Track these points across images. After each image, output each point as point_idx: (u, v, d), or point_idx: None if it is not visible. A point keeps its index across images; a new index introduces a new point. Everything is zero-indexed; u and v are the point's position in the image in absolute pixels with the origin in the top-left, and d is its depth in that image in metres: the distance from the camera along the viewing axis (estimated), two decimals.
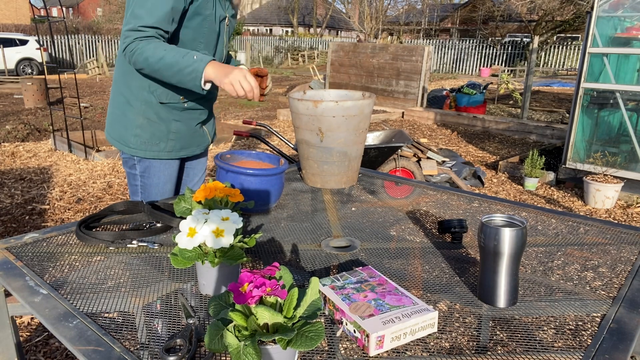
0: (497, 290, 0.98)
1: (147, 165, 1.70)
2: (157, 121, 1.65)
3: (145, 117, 1.64)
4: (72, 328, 0.88)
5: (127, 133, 1.67)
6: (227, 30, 1.71)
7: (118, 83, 1.66)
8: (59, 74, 6.17)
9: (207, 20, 1.57)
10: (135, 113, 1.64)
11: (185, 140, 1.74)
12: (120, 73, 1.65)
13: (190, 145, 1.77)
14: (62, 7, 5.85)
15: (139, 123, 1.65)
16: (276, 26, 39.91)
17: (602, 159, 4.59)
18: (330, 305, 0.93)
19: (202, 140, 1.82)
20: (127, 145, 1.68)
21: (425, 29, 32.11)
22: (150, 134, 1.66)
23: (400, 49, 9.23)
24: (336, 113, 1.58)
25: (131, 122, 1.65)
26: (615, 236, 1.37)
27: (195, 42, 1.59)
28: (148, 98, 1.62)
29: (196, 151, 1.81)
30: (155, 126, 1.65)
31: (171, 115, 1.66)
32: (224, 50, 1.73)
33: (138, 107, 1.63)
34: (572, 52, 19.92)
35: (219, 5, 1.60)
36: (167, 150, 1.70)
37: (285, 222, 1.44)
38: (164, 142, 1.69)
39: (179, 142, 1.72)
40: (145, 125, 1.65)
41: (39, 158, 5.59)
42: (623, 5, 4.57)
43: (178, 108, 1.66)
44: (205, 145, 1.85)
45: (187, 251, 0.94)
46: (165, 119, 1.66)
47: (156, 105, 1.63)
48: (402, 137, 3.96)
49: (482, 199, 1.67)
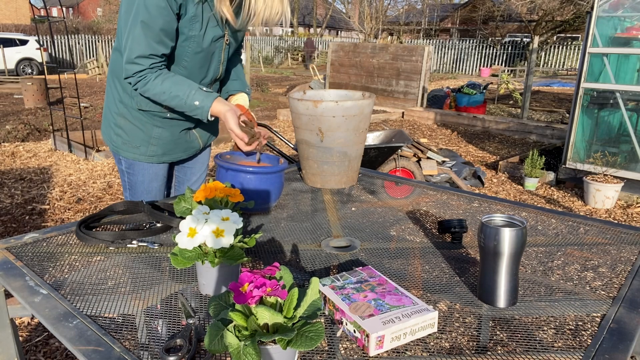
0: (497, 290, 0.98)
1: (131, 162, 1.70)
2: (137, 125, 1.63)
3: (125, 119, 1.63)
4: (72, 328, 0.88)
5: (110, 131, 1.68)
6: (227, 49, 1.63)
7: (108, 81, 1.67)
8: (59, 74, 6.17)
9: (191, 40, 1.50)
10: (117, 113, 1.64)
11: (169, 146, 1.70)
12: (109, 71, 1.65)
13: (173, 152, 1.73)
14: (62, 7, 5.85)
15: (120, 123, 1.65)
16: (276, 26, 39.85)
17: (602, 159, 4.59)
18: (330, 305, 0.93)
19: (189, 146, 1.76)
20: (111, 142, 1.70)
21: (425, 29, 32.10)
22: (130, 136, 1.65)
23: (400, 49, 9.23)
24: (336, 113, 1.58)
25: (114, 120, 1.66)
26: (615, 236, 1.37)
27: (179, 59, 1.54)
28: (128, 102, 1.60)
29: (182, 156, 1.77)
30: (135, 129, 1.64)
31: (152, 121, 1.63)
32: (220, 68, 1.65)
33: (120, 107, 1.63)
34: (572, 52, 19.92)
35: (210, 27, 1.51)
36: (147, 155, 1.68)
37: (285, 222, 1.44)
38: (145, 147, 1.66)
39: (160, 147, 1.68)
40: (125, 126, 1.64)
41: (39, 158, 5.59)
42: (623, 5, 4.57)
43: (159, 116, 1.63)
44: (194, 150, 1.80)
45: (187, 251, 0.94)
46: (145, 123, 1.63)
47: (134, 110, 1.61)
48: (402, 137, 3.96)
49: (482, 199, 1.67)
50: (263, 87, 13.17)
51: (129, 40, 1.42)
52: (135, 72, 1.44)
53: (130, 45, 1.42)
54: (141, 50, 1.42)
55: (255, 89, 12.98)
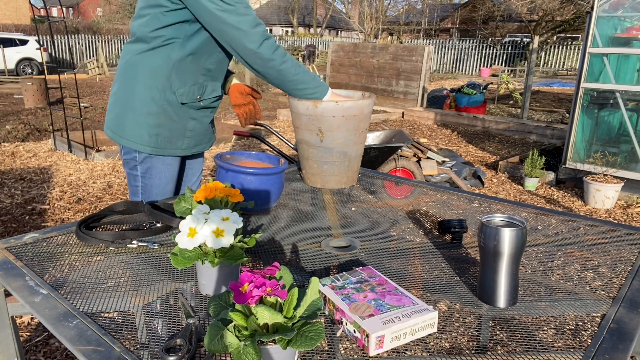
0: (497, 290, 0.98)
1: (149, 166, 1.70)
2: (176, 120, 1.68)
3: (167, 117, 1.65)
4: (72, 328, 0.88)
5: (143, 132, 1.64)
6: None
7: (134, 83, 1.62)
8: (59, 74, 6.17)
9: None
10: (156, 112, 1.63)
11: (200, 137, 1.79)
12: (135, 73, 1.61)
13: (202, 142, 1.82)
14: (62, 7, 5.85)
15: (159, 122, 1.65)
16: (276, 26, 39.90)
17: (602, 159, 4.59)
18: (330, 305, 0.93)
19: (211, 137, 1.88)
20: (142, 143, 1.66)
21: (425, 29, 32.10)
22: (169, 132, 1.68)
23: (400, 49, 9.23)
24: (336, 113, 1.58)
25: (150, 121, 1.63)
26: (615, 236, 1.37)
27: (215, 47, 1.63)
28: (170, 98, 1.63)
29: (206, 147, 1.87)
30: (174, 125, 1.68)
31: (188, 114, 1.70)
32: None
33: (159, 106, 1.63)
34: (572, 52, 19.92)
35: None
36: (182, 148, 1.74)
37: (285, 222, 1.44)
38: (181, 140, 1.72)
39: (194, 139, 1.76)
40: (165, 124, 1.66)
41: (39, 158, 5.59)
42: (623, 5, 4.57)
43: (194, 107, 1.69)
44: (212, 142, 1.91)
45: (187, 251, 0.94)
46: (184, 117, 1.69)
47: (176, 104, 1.65)
48: (402, 137, 3.96)
49: (482, 199, 1.66)
50: (263, 87, 13.17)
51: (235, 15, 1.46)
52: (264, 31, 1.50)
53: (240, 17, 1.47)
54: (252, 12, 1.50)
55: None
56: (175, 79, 1.60)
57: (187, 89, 1.64)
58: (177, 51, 1.57)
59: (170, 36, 1.55)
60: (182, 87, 1.63)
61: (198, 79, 1.65)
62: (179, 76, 1.60)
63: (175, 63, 1.58)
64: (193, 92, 1.65)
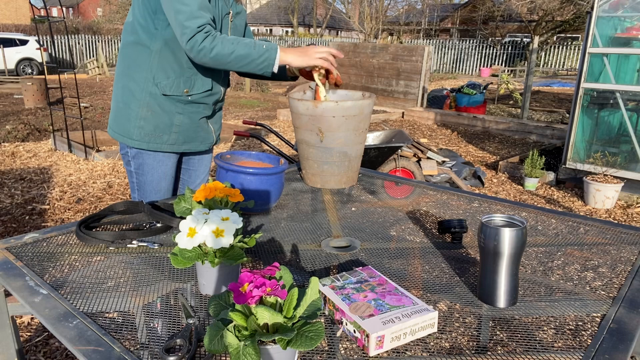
0: (497, 291, 0.98)
1: (141, 162, 1.71)
2: (160, 113, 1.66)
3: (149, 109, 1.65)
4: (72, 328, 0.88)
5: (130, 125, 1.68)
6: (232, 27, 1.71)
7: (122, 76, 1.67)
8: (59, 74, 6.17)
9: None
10: (139, 105, 1.65)
11: (188, 134, 1.75)
12: (124, 66, 1.66)
13: (193, 140, 1.78)
14: (62, 7, 5.85)
15: (142, 115, 1.66)
16: (276, 26, 39.90)
17: (602, 159, 4.59)
18: (330, 305, 0.93)
19: (206, 137, 1.82)
20: (130, 137, 1.69)
21: (425, 29, 32.10)
22: (153, 126, 1.67)
23: (400, 49, 9.23)
24: (336, 113, 1.58)
25: (135, 114, 1.66)
26: (615, 236, 1.37)
27: None
28: (152, 90, 1.63)
29: (200, 147, 1.82)
30: (158, 118, 1.67)
31: (174, 108, 1.68)
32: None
33: (142, 98, 1.64)
34: (572, 52, 19.92)
35: (221, 0, 1.61)
36: (169, 143, 1.71)
37: (285, 222, 1.44)
38: (167, 135, 1.70)
39: (181, 135, 1.73)
40: (148, 117, 1.66)
41: (39, 158, 5.59)
42: (623, 6, 4.57)
43: (182, 101, 1.68)
44: (209, 143, 1.85)
45: (187, 251, 0.94)
46: (169, 111, 1.67)
47: (160, 97, 1.64)
48: (402, 137, 3.96)
49: (482, 199, 1.66)
50: (263, 87, 13.17)
51: (177, 4, 1.45)
52: (199, 25, 1.46)
53: (182, 6, 1.45)
54: (197, 3, 1.46)
55: (255, 89, 12.98)
56: (157, 71, 1.61)
57: (171, 82, 1.63)
58: (154, 41, 1.58)
59: (146, 26, 1.57)
60: (165, 79, 1.62)
61: (184, 72, 1.64)
62: (160, 67, 1.61)
63: (155, 54, 1.59)
64: (178, 84, 1.64)
